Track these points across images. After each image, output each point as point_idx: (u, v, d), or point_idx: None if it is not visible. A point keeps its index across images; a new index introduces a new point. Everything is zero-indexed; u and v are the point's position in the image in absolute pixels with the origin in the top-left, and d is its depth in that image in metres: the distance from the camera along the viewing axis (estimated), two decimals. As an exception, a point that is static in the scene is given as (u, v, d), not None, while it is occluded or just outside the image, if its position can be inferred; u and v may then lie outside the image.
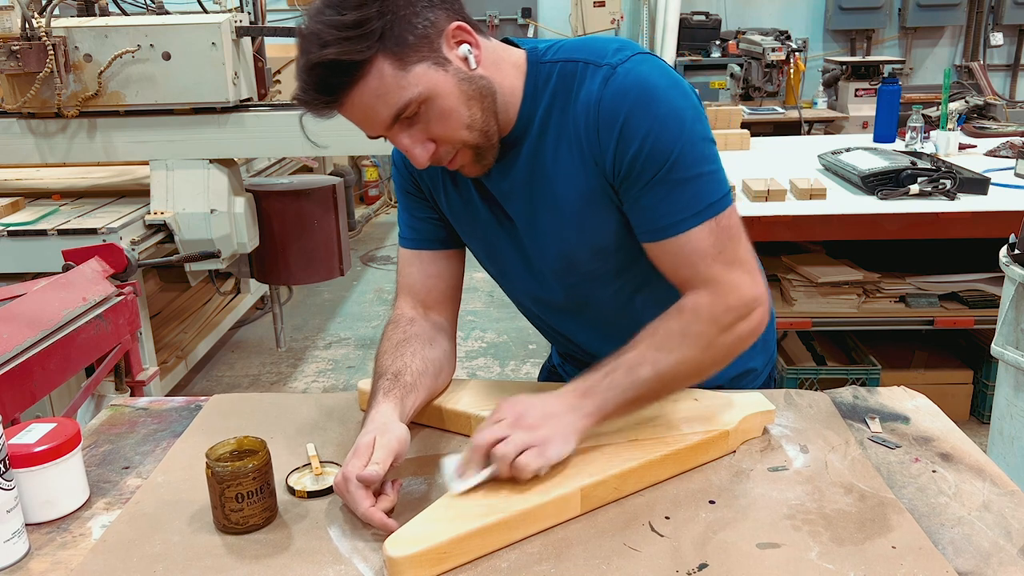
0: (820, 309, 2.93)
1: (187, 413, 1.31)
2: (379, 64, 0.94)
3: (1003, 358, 2.01)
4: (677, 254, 1.05)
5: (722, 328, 1.05)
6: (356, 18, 0.92)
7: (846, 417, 1.22)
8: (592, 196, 1.09)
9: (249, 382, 3.79)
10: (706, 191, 1.04)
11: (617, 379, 1.02)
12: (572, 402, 1.02)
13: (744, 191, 2.78)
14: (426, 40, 0.97)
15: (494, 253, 1.23)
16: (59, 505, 1.03)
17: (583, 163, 1.07)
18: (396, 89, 0.96)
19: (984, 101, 4.15)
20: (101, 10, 3.12)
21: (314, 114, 0.99)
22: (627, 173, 1.04)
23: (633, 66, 1.03)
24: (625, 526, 0.98)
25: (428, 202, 1.24)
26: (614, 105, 1.02)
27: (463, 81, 1.00)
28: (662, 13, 6.11)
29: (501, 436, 0.97)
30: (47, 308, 1.85)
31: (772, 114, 4.95)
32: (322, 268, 3.23)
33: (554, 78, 1.07)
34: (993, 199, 2.67)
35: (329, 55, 0.92)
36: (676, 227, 1.04)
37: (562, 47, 1.09)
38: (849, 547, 0.92)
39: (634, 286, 1.19)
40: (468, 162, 1.07)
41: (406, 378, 1.14)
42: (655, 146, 1.01)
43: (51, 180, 3.49)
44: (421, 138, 1.02)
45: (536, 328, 1.38)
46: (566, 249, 1.14)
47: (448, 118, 1.00)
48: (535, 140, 1.09)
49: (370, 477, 0.96)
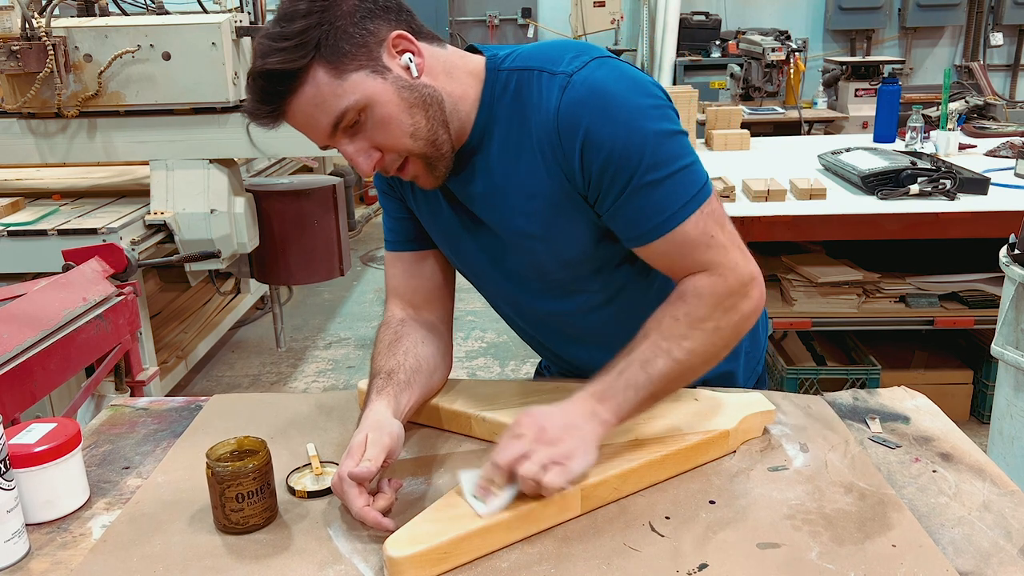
0: (820, 309, 2.93)
1: (187, 413, 1.31)
2: (315, 72, 0.96)
3: (1003, 358, 2.01)
4: (668, 252, 1.05)
5: (725, 309, 1.04)
6: (296, 29, 0.95)
7: (846, 417, 1.22)
8: (559, 207, 1.07)
9: (249, 382, 3.79)
10: (684, 186, 1.03)
11: (632, 377, 1.01)
12: (590, 408, 1.00)
13: (744, 191, 2.78)
14: (364, 49, 0.97)
15: (464, 257, 1.21)
16: (59, 505, 1.03)
17: (548, 174, 1.05)
18: (332, 97, 0.97)
19: (984, 101, 4.15)
20: (101, 10, 3.12)
21: (259, 124, 1.00)
22: (598, 184, 1.03)
23: (589, 73, 1.01)
24: (625, 526, 0.98)
25: (403, 202, 1.23)
26: (573, 115, 1.00)
27: (404, 89, 1.00)
28: (662, 13, 6.12)
29: (523, 453, 0.94)
30: (47, 308, 1.85)
31: (772, 114, 4.95)
32: (322, 268, 3.23)
33: (512, 86, 1.06)
34: (993, 199, 2.67)
35: (268, 65, 0.95)
36: (662, 227, 1.03)
37: (520, 54, 1.08)
38: (849, 547, 0.92)
39: (607, 294, 1.18)
40: (421, 173, 1.06)
41: (400, 376, 1.14)
42: (623, 154, 1.00)
43: (51, 180, 3.49)
44: (364, 147, 1.02)
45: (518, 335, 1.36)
46: (534, 259, 1.13)
47: (389, 126, 1.00)
48: (495, 149, 1.08)
49: (361, 474, 0.96)
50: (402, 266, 1.26)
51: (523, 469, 0.93)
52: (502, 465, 0.94)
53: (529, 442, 0.95)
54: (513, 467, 0.94)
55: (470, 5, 7.18)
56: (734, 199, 2.71)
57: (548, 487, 0.93)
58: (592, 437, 0.98)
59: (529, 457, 0.94)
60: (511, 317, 1.30)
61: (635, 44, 6.61)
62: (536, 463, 0.93)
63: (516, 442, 0.96)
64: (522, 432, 0.97)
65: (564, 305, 1.19)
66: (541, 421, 0.98)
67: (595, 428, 0.99)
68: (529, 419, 0.98)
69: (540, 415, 0.99)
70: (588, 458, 0.97)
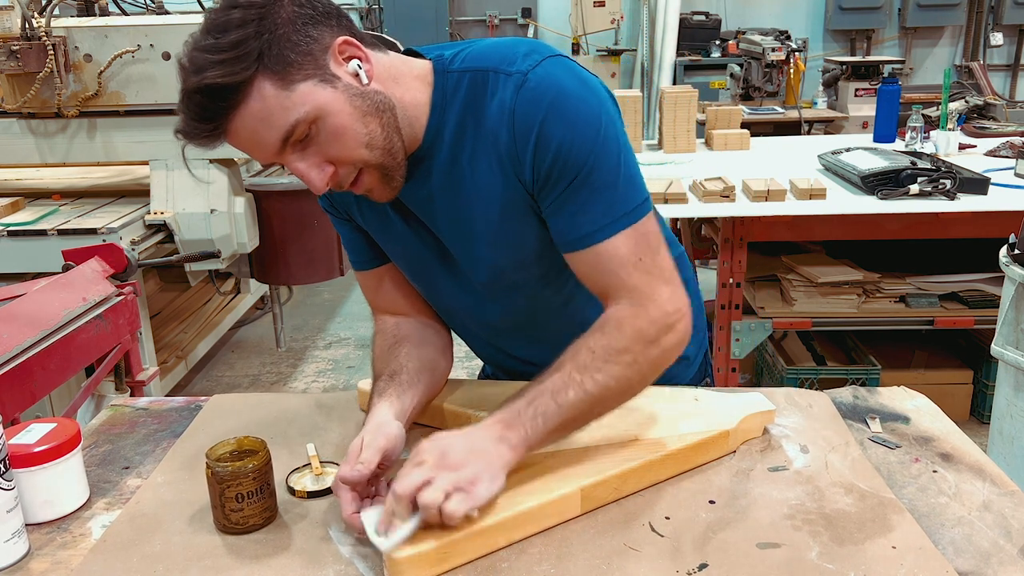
0: (820, 309, 2.93)
1: (187, 413, 1.31)
2: (259, 85, 0.89)
3: (1003, 358, 2.01)
4: (596, 264, 1.01)
5: (647, 342, 1.00)
6: (232, 40, 0.88)
7: (846, 417, 1.22)
8: (512, 207, 1.05)
9: (249, 382, 3.79)
10: (623, 198, 1.00)
11: (542, 406, 0.96)
12: (497, 433, 0.95)
13: (744, 191, 2.78)
14: (310, 57, 0.92)
15: (417, 267, 1.18)
16: (59, 505, 1.03)
17: (502, 174, 1.03)
18: (280, 110, 0.91)
19: (984, 101, 4.15)
20: (101, 10, 3.13)
21: (198, 145, 0.93)
22: (544, 181, 1.00)
23: (544, 71, 0.99)
24: (625, 526, 0.97)
25: (351, 220, 1.19)
26: (528, 113, 0.98)
27: (355, 97, 0.95)
28: (662, 13, 6.11)
29: (425, 480, 0.89)
30: (47, 308, 1.85)
31: (772, 114, 4.95)
32: (322, 268, 3.23)
33: (464, 88, 1.02)
34: (993, 199, 2.67)
35: (206, 80, 0.88)
36: (594, 236, 1.00)
37: (469, 54, 1.04)
38: (849, 547, 0.92)
39: (564, 296, 1.15)
40: (376, 184, 1.02)
41: (403, 377, 1.13)
42: (570, 152, 0.98)
43: (51, 180, 3.49)
44: (317, 161, 0.96)
45: (468, 344, 1.32)
46: (490, 261, 1.10)
47: (343, 137, 0.95)
48: (448, 152, 1.04)
49: (352, 478, 0.95)
50: (374, 283, 1.23)
51: (423, 496, 0.88)
52: (402, 494, 0.89)
53: (430, 468, 0.91)
54: (414, 495, 0.89)
55: (470, 5, 7.18)
56: (734, 199, 2.71)
57: (449, 515, 0.89)
58: (499, 462, 0.94)
59: (431, 484, 0.89)
60: (464, 325, 1.26)
61: (635, 44, 6.61)
62: (437, 489, 0.88)
63: (417, 469, 0.91)
64: (423, 459, 0.92)
65: (520, 307, 1.17)
66: (443, 446, 0.93)
67: (503, 453, 0.94)
68: (431, 444, 0.94)
69: (443, 440, 0.94)
70: (494, 484, 0.93)
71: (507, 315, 1.19)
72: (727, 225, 2.80)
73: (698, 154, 3.57)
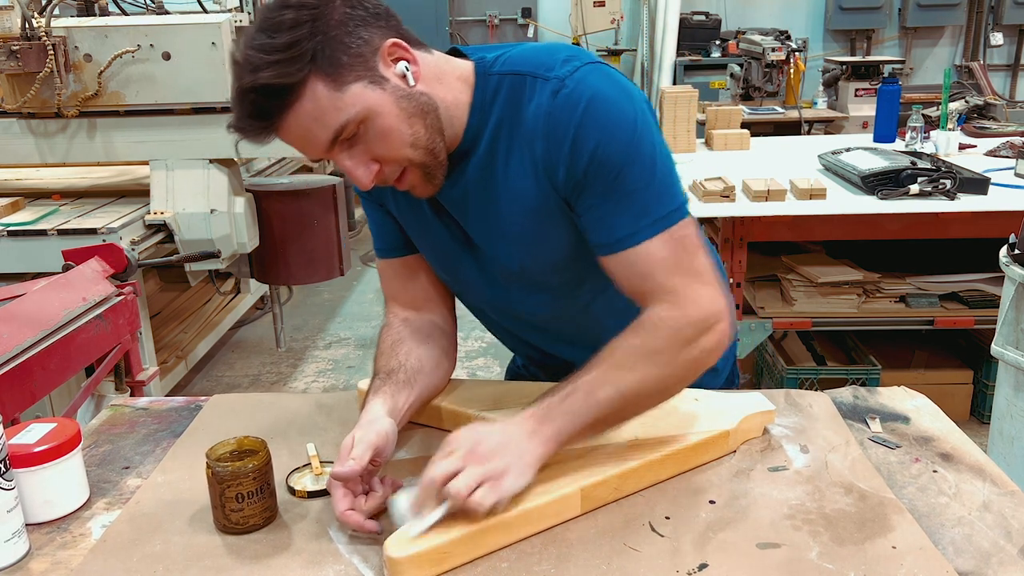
0: (820, 309, 2.93)
1: (187, 413, 1.31)
2: (313, 85, 0.92)
3: (1003, 358, 2.01)
4: (633, 267, 1.02)
5: (684, 343, 1.00)
6: (287, 41, 0.90)
7: (846, 417, 1.22)
8: (545, 210, 1.06)
9: (249, 382, 3.79)
10: (659, 202, 1.01)
11: (576, 403, 0.98)
12: (530, 428, 0.97)
13: (744, 191, 2.78)
14: (360, 59, 0.95)
15: (447, 262, 1.20)
16: (59, 505, 1.03)
17: (535, 177, 1.04)
18: (332, 110, 0.94)
19: (984, 101, 4.15)
20: (101, 10, 3.13)
21: (250, 140, 0.97)
22: (578, 184, 1.01)
23: (582, 77, 1.00)
24: (625, 526, 0.98)
25: (384, 208, 1.22)
26: (564, 117, 0.99)
27: (402, 99, 0.98)
28: (662, 13, 6.11)
29: (454, 470, 0.91)
30: (47, 308, 1.85)
31: (772, 114, 4.95)
32: (322, 268, 3.23)
33: (503, 91, 1.04)
34: (993, 199, 2.67)
35: (261, 80, 0.90)
36: (630, 239, 1.01)
37: (510, 58, 1.06)
38: (849, 547, 0.92)
39: (592, 295, 1.16)
40: (418, 182, 1.04)
41: (399, 375, 1.13)
42: (606, 156, 0.99)
43: (51, 180, 3.49)
44: (364, 159, 0.99)
45: (496, 336, 1.34)
46: (521, 263, 1.12)
47: (389, 137, 0.98)
48: (485, 154, 1.06)
49: (344, 474, 0.95)
50: (395, 272, 1.25)
51: (450, 486, 0.90)
52: (431, 482, 0.91)
53: (460, 459, 0.92)
54: (443, 484, 0.91)
55: (470, 5, 7.18)
56: (734, 199, 2.71)
57: (475, 506, 0.90)
58: (529, 456, 0.95)
59: (459, 474, 0.91)
60: (495, 321, 1.28)
61: (635, 44, 6.61)
62: (465, 481, 0.90)
63: (447, 459, 0.93)
64: (454, 448, 0.94)
65: (553, 308, 1.18)
66: (475, 437, 0.95)
67: (534, 448, 0.96)
68: (463, 435, 0.95)
69: (475, 432, 0.96)
70: (522, 478, 0.94)
71: (532, 313, 1.20)
72: (727, 225, 2.80)
73: (698, 154, 3.57)
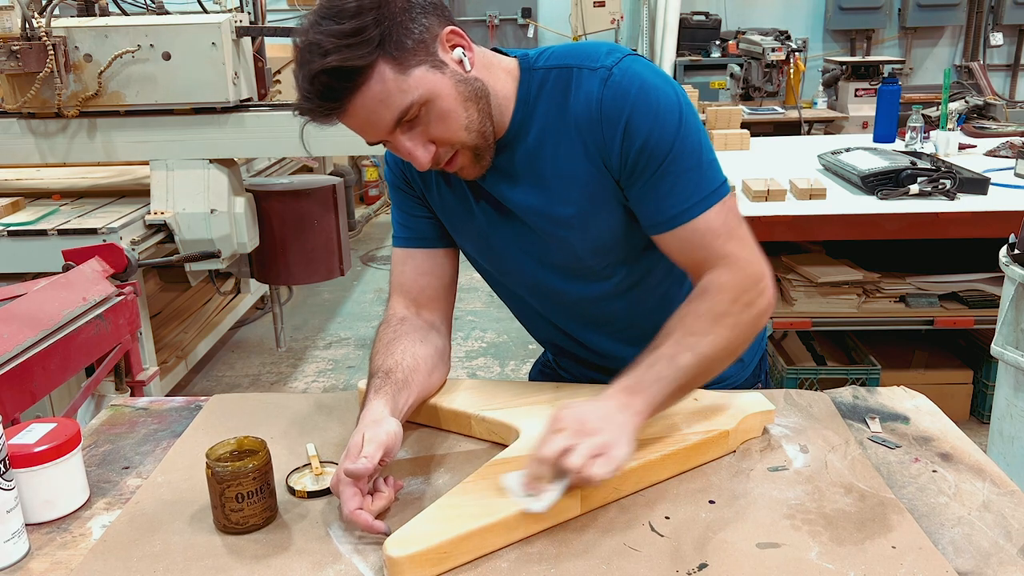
0: (820, 309, 2.93)
1: (187, 413, 1.31)
2: (380, 68, 0.97)
3: (1003, 358, 2.01)
4: (690, 239, 1.09)
5: (745, 304, 1.08)
6: (354, 26, 0.95)
7: (846, 417, 1.22)
8: (596, 195, 1.12)
9: (249, 382, 3.79)
10: (708, 177, 1.09)
11: (661, 371, 1.04)
12: (623, 401, 1.02)
13: (744, 191, 2.78)
14: (423, 44, 1.00)
15: (491, 250, 1.24)
16: (59, 505, 1.03)
17: (588, 163, 1.10)
18: (398, 92, 0.99)
19: (984, 101, 4.15)
20: (101, 10, 3.12)
21: (317, 122, 1.01)
22: (632, 168, 1.08)
23: (628, 66, 1.07)
24: (625, 526, 0.98)
25: (420, 199, 1.25)
26: (616, 103, 1.06)
27: (460, 83, 1.03)
28: (662, 13, 6.11)
29: (567, 446, 0.95)
30: (47, 308, 1.85)
31: (772, 114, 4.95)
32: (322, 268, 3.23)
33: (549, 83, 1.11)
34: (993, 199, 2.67)
35: (332, 62, 0.95)
36: (688, 213, 1.08)
37: (553, 53, 1.13)
38: (849, 547, 0.92)
39: (631, 281, 1.22)
40: (467, 163, 1.10)
41: (397, 375, 1.14)
42: (658, 140, 1.05)
43: (51, 180, 3.49)
44: (422, 140, 1.04)
45: (528, 328, 1.39)
46: (567, 246, 1.17)
47: (447, 119, 1.03)
48: (533, 143, 1.12)
49: (358, 470, 0.96)
50: (412, 263, 1.27)
51: (569, 461, 0.94)
52: (548, 460, 0.95)
53: (571, 435, 0.96)
54: (559, 461, 0.94)
55: (470, 5, 7.18)
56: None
57: (595, 477, 0.94)
58: (629, 427, 1.00)
59: (573, 450, 0.94)
60: (532, 307, 1.31)
61: (635, 44, 6.61)
62: (581, 455, 0.94)
63: (558, 436, 0.96)
64: (563, 426, 0.98)
65: (591, 291, 1.22)
66: (580, 415, 0.99)
67: (630, 418, 1.01)
68: (568, 413, 1.00)
69: (578, 409, 1.00)
70: (629, 447, 0.99)
71: (572, 299, 1.24)
72: (727, 225, 2.79)
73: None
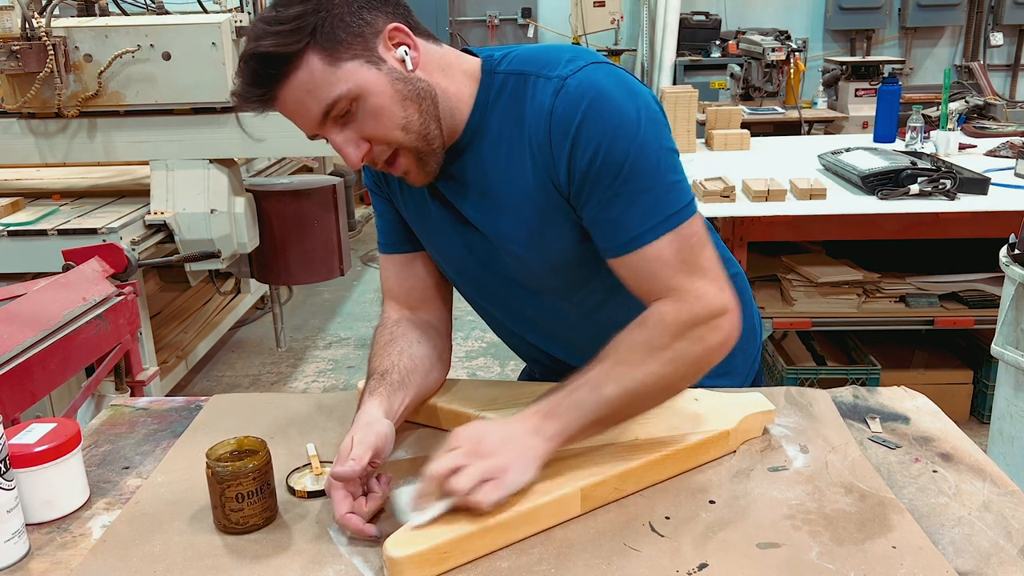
0: (820, 309, 2.93)
1: (187, 413, 1.31)
2: (309, 58, 0.95)
3: (1003, 358, 2.01)
4: (638, 268, 1.02)
5: (690, 340, 1.00)
6: (290, 14, 0.95)
7: (846, 417, 1.22)
8: (546, 212, 1.06)
9: (249, 382, 3.79)
10: (666, 201, 1.00)
11: (580, 398, 0.98)
12: (534, 424, 0.97)
13: (744, 191, 2.78)
14: (360, 39, 0.97)
15: (449, 258, 1.20)
16: (59, 505, 1.03)
17: (536, 178, 1.04)
18: (325, 84, 0.96)
19: (984, 101, 4.15)
20: (101, 10, 3.12)
21: (250, 109, 0.99)
22: (581, 185, 1.01)
23: (585, 76, 1.00)
24: (625, 526, 0.98)
25: (390, 203, 1.23)
26: (565, 116, 1.00)
27: (398, 81, 0.99)
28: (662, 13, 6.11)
29: (457, 466, 0.92)
30: (47, 308, 1.85)
31: (772, 114, 4.95)
32: (322, 268, 3.23)
33: (507, 90, 1.06)
34: (993, 199, 2.67)
35: (262, 48, 0.94)
36: (636, 240, 1.00)
37: (516, 57, 1.08)
38: (849, 547, 0.92)
39: (597, 299, 1.16)
40: (412, 168, 1.05)
41: (393, 376, 1.13)
42: (608, 155, 0.98)
43: (51, 180, 3.49)
44: (354, 137, 1.01)
45: (507, 343, 1.34)
46: (521, 263, 1.12)
47: (380, 117, 0.99)
48: (486, 151, 1.07)
49: (345, 473, 0.96)
50: (395, 268, 1.25)
51: (455, 483, 0.91)
52: (435, 478, 0.92)
53: (463, 455, 0.93)
54: (446, 481, 0.91)
55: (470, 5, 7.18)
56: (734, 199, 2.71)
57: (481, 504, 0.91)
58: (532, 453, 0.96)
59: (463, 471, 0.91)
60: (496, 318, 1.28)
61: (635, 44, 6.61)
62: (470, 478, 0.91)
63: (450, 454, 0.94)
64: (457, 445, 0.95)
65: (555, 310, 1.18)
66: (478, 434, 0.96)
67: (538, 444, 0.96)
68: (467, 432, 0.96)
69: (478, 429, 0.97)
70: (525, 474, 0.95)
71: (538, 315, 1.21)
72: (727, 225, 2.79)
73: (698, 154, 3.57)
